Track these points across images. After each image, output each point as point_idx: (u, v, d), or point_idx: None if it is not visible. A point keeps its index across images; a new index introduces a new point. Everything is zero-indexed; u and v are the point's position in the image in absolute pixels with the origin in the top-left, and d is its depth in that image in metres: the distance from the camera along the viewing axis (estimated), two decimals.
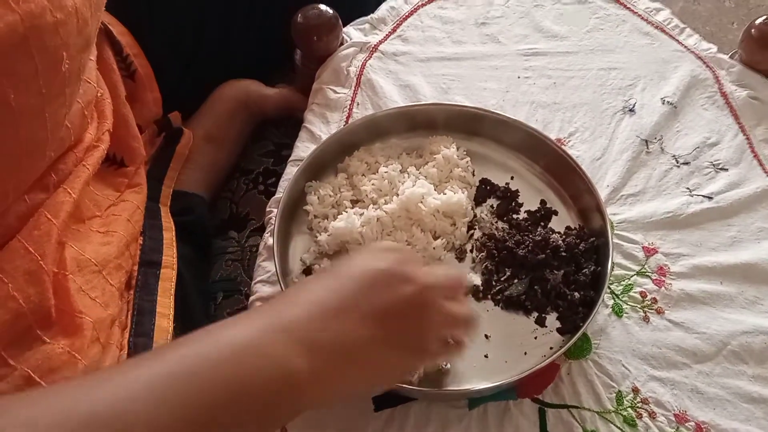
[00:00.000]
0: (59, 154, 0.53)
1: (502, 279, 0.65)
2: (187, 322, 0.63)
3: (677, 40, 0.86)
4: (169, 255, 0.64)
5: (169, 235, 0.66)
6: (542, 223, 0.69)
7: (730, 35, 1.68)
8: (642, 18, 0.88)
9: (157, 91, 0.73)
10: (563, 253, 0.64)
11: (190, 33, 0.81)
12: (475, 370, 0.60)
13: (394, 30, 0.86)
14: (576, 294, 0.62)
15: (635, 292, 0.66)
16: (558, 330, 0.62)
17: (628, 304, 0.65)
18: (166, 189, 0.72)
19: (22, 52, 0.40)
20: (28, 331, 0.47)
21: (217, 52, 0.84)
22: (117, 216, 0.60)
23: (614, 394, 0.60)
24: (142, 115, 0.71)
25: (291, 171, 0.72)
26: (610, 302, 0.65)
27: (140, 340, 0.57)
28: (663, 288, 0.66)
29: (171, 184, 0.73)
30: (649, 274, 0.67)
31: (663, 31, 0.87)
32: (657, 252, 0.69)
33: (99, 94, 0.60)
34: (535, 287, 0.63)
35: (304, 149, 0.74)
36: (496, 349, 0.61)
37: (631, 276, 0.67)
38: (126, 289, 0.59)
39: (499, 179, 0.72)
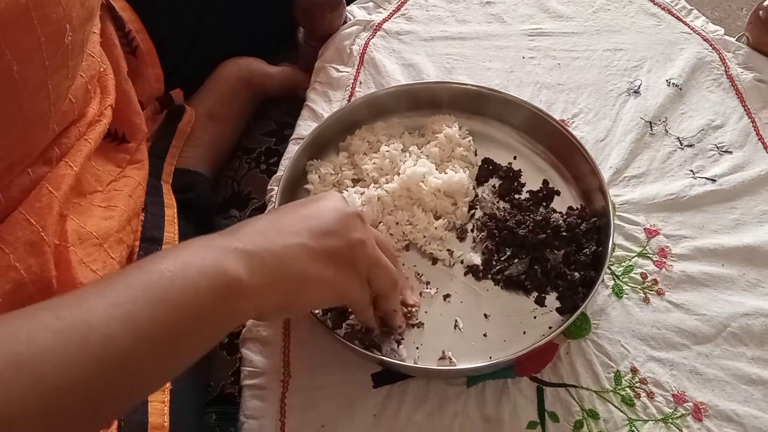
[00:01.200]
0: (62, 127, 0.53)
1: (503, 258, 0.65)
2: None
3: (684, 22, 0.85)
4: (171, 232, 0.64)
5: (170, 212, 0.66)
6: (544, 203, 0.68)
7: (739, 21, 1.66)
8: None
9: (158, 67, 0.73)
10: (564, 233, 0.64)
11: (194, 10, 0.80)
12: (474, 349, 0.60)
13: (398, 9, 0.85)
14: (576, 274, 0.62)
15: (636, 273, 0.66)
16: (557, 310, 0.62)
17: (628, 285, 0.65)
18: (167, 166, 0.72)
19: (24, 24, 0.40)
20: (29, 301, 0.47)
21: (220, 30, 0.83)
22: (118, 191, 0.60)
23: (612, 374, 0.60)
24: (143, 91, 0.71)
25: (292, 149, 0.72)
26: (611, 283, 0.65)
27: None
28: (664, 269, 0.66)
29: (173, 161, 0.73)
30: (650, 255, 0.67)
31: (670, 12, 0.86)
32: (659, 234, 0.68)
33: (102, 69, 0.60)
34: (536, 267, 0.63)
35: (305, 127, 0.74)
36: (495, 327, 0.61)
37: (632, 257, 0.67)
38: (127, 264, 0.60)
39: (502, 159, 0.72)
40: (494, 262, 0.65)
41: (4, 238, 0.46)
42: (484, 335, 0.61)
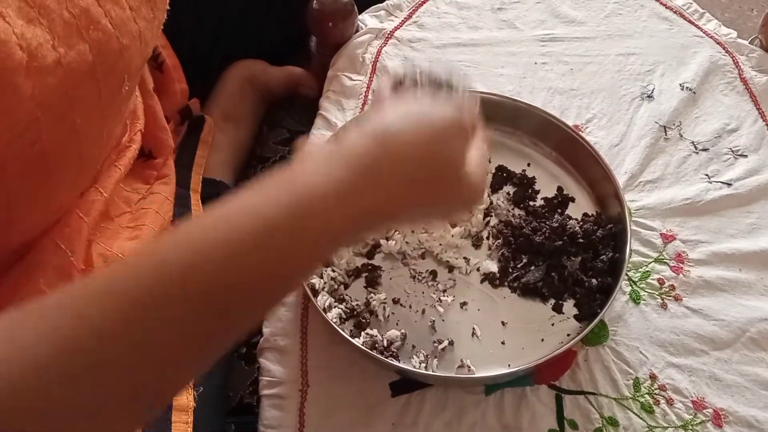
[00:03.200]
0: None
1: (519, 266, 0.65)
2: None
3: (696, 25, 0.85)
4: None
5: None
6: (559, 210, 0.68)
7: (750, 22, 1.65)
8: (661, 3, 0.87)
9: (184, 81, 0.74)
10: (580, 240, 0.64)
11: (210, 23, 0.81)
12: (492, 357, 0.60)
13: (409, 16, 0.85)
14: (593, 281, 0.62)
15: (653, 279, 0.66)
16: (575, 317, 0.62)
17: (645, 291, 0.65)
18: (195, 176, 0.72)
19: (89, 80, 0.40)
20: None
21: (235, 42, 0.84)
22: (146, 209, 0.60)
23: (631, 381, 0.60)
24: (169, 106, 0.72)
25: None
26: (628, 289, 0.65)
27: None
28: (681, 275, 0.66)
29: (200, 170, 0.73)
30: (667, 261, 0.67)
31: (682, 16, 0.86)
32: (675, 239, 0.68)
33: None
34: (552, 274, 0.63)
35: (320, 137, 0.74)
36: (513, 335, 0.61)
37: (649, 263, 0.67)
38: None
39: (516, 166, 0.72)
40: (511, 270, 0.65)
41: (34, 263, 0.47)
42: (502, 343, 0.61)
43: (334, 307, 0.61)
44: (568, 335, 0.61)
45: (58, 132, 0.39)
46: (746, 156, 0.74)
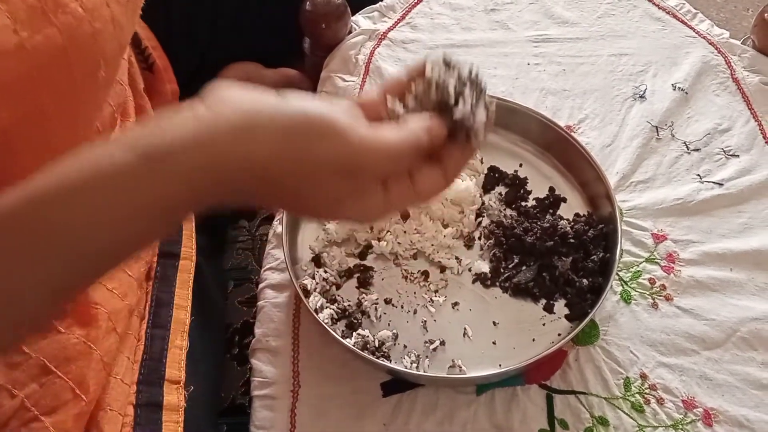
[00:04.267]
0: None
1: (510, 266, 0.65)
2: (204, 312, 0.63)
3: (689, 26, 0.85)
4: (188, 246, 0.64)
5: (189, 226, 0.66)
6: (551, 210, 0.69)
7: (745, 22, 1.66)
8: (653, 3, 0.88)
9: (174, 82, 0.74)
10: (571, 240, 0.64)
11: (204, 25, 0.81)
12: (483, 357, 0.60)
13: (402, 17, 0.86)
14: (584, 281, 0.62)
15: (644, 279, 0.66)
16: (566, 316, 0.62)
17: (636, 291, 0.65)
18: None
19: (61, 64, 0.40)
20: None
21: (230, 44, 0.84)
22: None
23: (622, 380, 0.60)
24: (160, 107, 0.72)
25: None
26: (619, 289, 0.65)
27: (157, 332, 0.58)
28: (672, 275, 0.66)
29: None
30: (658, 260, 0.67)
31: (675, 16, 0.86)
32: (666, 239, 0.68)
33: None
34: (544, 274, 0.64)
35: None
36: (504, 335, 0.61)
37: (640, 263, 0.67)
38: (146, 280, 0.60)
39: (508, 166, 0.72)
40: (502, 270, 0.65)
41: None
42: (494, 343, 0.61)
43: (326, 307, 0.61)
44: (559, 335, 0.61)
45: (21, 113, 0.39)
46: (738, 156, 0.74)
